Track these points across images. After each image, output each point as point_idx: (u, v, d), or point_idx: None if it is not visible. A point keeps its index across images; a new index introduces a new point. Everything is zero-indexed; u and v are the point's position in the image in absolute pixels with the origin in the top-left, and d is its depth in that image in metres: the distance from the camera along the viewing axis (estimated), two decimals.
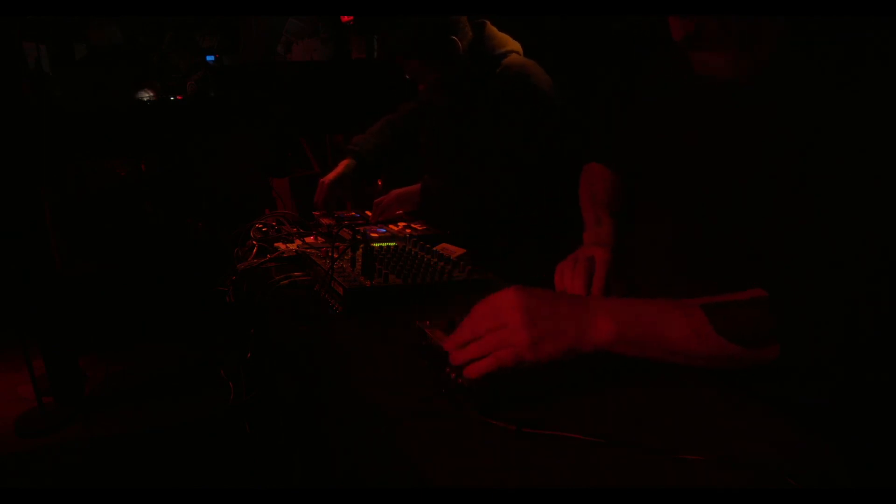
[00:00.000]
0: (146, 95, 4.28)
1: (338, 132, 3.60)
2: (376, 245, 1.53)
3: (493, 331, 0.82)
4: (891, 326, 0.78)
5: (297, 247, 1.65)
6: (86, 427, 2.70)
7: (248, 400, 1.73)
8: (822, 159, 0.84)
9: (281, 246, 1.68)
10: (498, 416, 0.81)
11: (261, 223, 1.89)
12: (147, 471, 2.40)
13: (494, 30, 1.90)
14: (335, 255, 1.42)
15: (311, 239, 1.73)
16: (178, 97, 4.45)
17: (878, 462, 0.88)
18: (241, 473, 2.10)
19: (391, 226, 1.86)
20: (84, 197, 3.69)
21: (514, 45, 1.91)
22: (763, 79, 0.92)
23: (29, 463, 2.48)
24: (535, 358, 0.81)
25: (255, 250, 1.69)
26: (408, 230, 1.80)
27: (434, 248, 1.51)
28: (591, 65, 2.28)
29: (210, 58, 5.22)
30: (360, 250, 1.39)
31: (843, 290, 0.79)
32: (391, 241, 1.63)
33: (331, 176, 2.13)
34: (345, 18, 4.30)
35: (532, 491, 0.69)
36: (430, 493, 0.71)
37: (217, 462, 2.32)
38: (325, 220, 1.94)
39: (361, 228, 1.74)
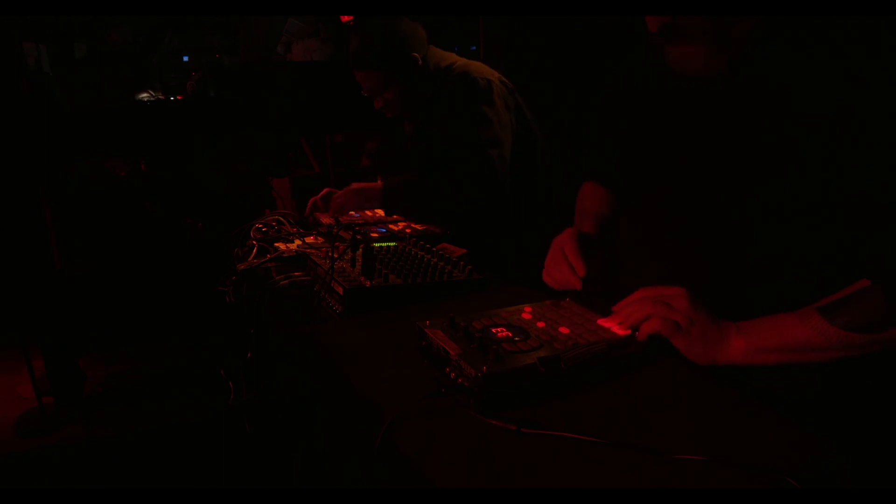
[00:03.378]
0: (146, 95, 4.28)
1: (338, 132, 3.60)
2: (376, 245, 1.53)
3: (660, 302, 0.93)
4: None
5: (297, 247, 1.66)
6: (86, 427, 2.70)
7: (248, 400, 1.73)
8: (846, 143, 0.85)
9: (281, 246, 1.68)
10: (498, 416, 0.81)
11: (261, 223, 1.89)
12: (147, 471, 2.40)
13: (436, 48, 1.98)
14: (335, 255, 1.42)
15: (311, 239, 1.73)
16: (179, 97, 4.45)
17: (878, 462, 0.89)
18: (241, 473, 2.10)
19: (391, 226, 1.86)
20: (84, 197, 3.69)
21: (456, 56, 1.99)
22: (744, 71, 0.92)
23: (29, 463, 2.48)
24: (686, 335, 0.91)
25: (255, 250, 1.69)
26: (408, 230, 1.80)
27: (434, 248, 1.51)
28: (575, 80, 2.29)
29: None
30: (360, 250, 1.39)
31: None
32: (391, 241, 1.63)
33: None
34: (345, 18, 4.30)
35: (532, 491, 0.69)
36: (430, 493, 0.71)
37: (217, 462, 2.32)
38: (325, 220, 1.94)
39: (361, 228, 1.75)
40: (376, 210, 2.04)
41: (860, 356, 0.87)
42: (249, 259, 1.65)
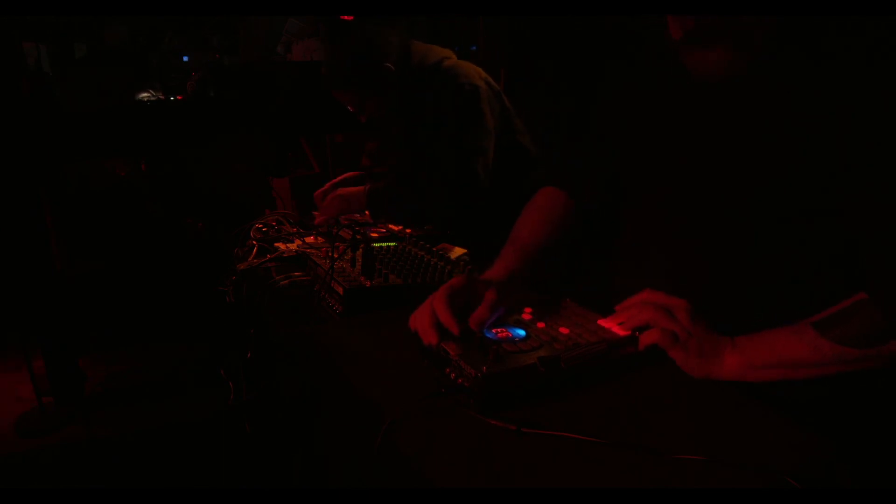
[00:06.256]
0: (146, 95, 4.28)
1: (338, 132, 3.60)
2: (376, 245, 1.53)
3: (662, 310, 0.92)
4: None
5: (297, 247, 1.66)
6: (86, 427, 2.70)
7: (248, 400, 1.73)
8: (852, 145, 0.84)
9: (281, 246, 1.68)
10: (498, 416, 0.81)
11: (261, 223, 1.89)
12: (147, 471, 2.40)
13: (420, 44, 1.94)
14: (335, 255, 1.42)
15: (311, 239, 1.73)
16: (179, 97, 4.45)
17: (878, 462, 0.88)
18: (241, 473, 2.10)
19: (391, 225, 1.86)
20: (84, 197, 3.69)
21: (445, 52, 1.95)
22: (748, 73, 0.92)
23: (29, 463, 2.48)
24: (682, 347, 0.90)
25: (255, 250, 1.69)
26: (408, 230, 1.80)
27: (434, 248, 1.51)
28: (551, 82, 2.29)
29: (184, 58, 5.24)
30: (360, 250, 1.39)
31: None
32: (391, 241, 1.63)
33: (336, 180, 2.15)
34: (345, 19, 4.30)
35: (532, 491, 0.69)
36: (430, 493, 0.71)
37: (217, 462, 2.32)
38: (318, 220, 1.95)
39: (361, 228, 1.75)
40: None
41: (856, 370, 0.86)
42: (249, 259, 1.65)
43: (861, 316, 0.84)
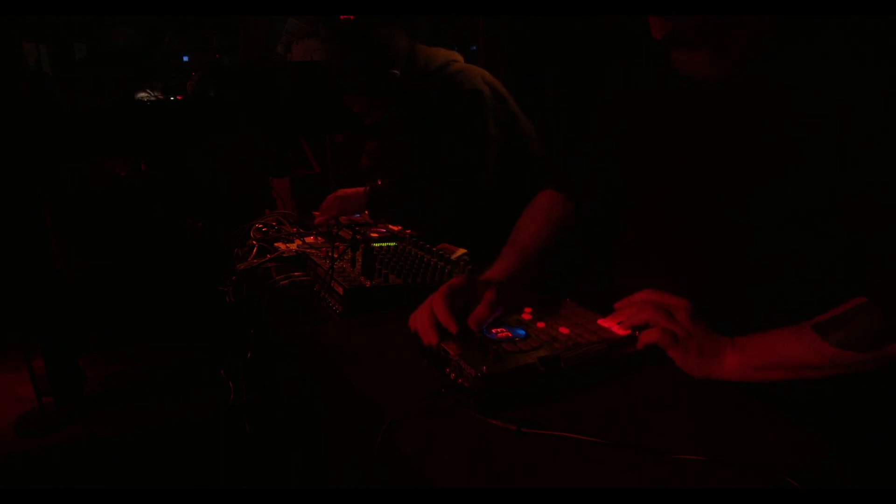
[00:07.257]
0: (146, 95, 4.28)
1: (338, 132, 3.60)
2: (376, 245, 1.53)
3: (662, 309, 0.92)
4: None
5: (297, 247, 1.66)
6: (86, 427, 2.70)
7: (248, 400, 1.73)
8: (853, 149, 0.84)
9: (281, 246, 1.68)
10: (498, 416, 0.81)
11: (261, 223, 1.89)
12: (147, 471, 2.40)
13: (425, 47, 1.92)
14: (335, 255, 1.42)
15: (311, 239, 1.73)
16: (179, 97, 4.45)
17: (878, 462, 0.89)
18: (241, 473, 2.10)
19: (391, 226, 1.86)
20: (84, 197, 3.69)
21: (451, 55, 1.94)
22: (747, 74, 0.92)
23: (29, 463, 2.48)
24: (682, 347, 0.91)
25: (255, 250, 1.69)
26: (408, 230, 1.80)
27: (434, 248, 1.51)
28: (551, 84, 2.29)
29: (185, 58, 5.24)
30: (360, 250, 1.39)
31: None
32: (391, 241, 1.63)
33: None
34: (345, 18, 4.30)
35: (532, 491, 0.69)
36: (430, 493, 0.71)
37: (217, 462, 2.32)
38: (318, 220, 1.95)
39: (361, 229, 1.75)
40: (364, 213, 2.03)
41: (855, 373, 0.86)
42: (249, 259, 1.65)
43: (861, 319, 0.84)
